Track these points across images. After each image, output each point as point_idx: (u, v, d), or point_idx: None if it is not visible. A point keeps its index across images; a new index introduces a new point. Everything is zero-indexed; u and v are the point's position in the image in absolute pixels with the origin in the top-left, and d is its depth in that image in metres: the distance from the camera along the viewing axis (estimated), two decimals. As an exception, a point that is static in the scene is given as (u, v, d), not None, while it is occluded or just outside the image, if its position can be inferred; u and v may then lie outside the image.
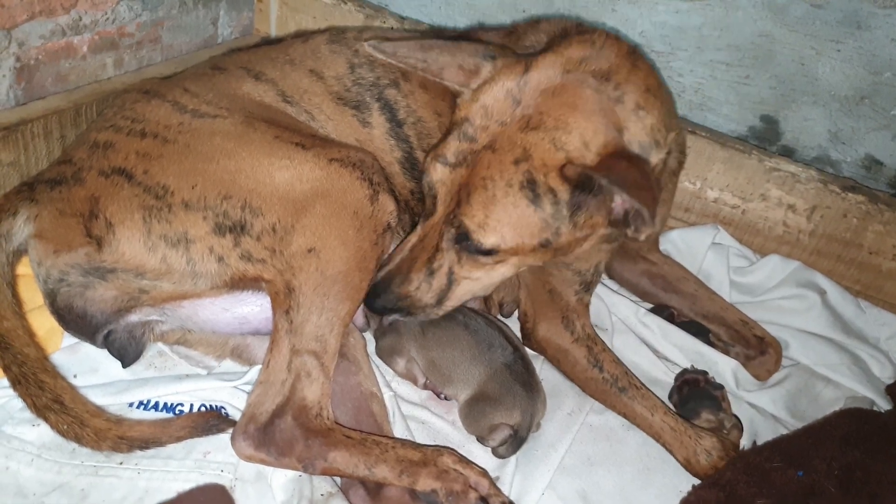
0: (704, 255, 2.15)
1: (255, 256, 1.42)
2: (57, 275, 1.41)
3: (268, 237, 1.42)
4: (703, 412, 1.70)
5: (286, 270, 1.42)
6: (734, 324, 1.95)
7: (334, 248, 1.43)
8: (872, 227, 2.04)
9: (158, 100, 1.57)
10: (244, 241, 1.41)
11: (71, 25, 1.88)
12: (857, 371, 1.92)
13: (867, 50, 2.01)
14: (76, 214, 1.41)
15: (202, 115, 1.54)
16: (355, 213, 1.46)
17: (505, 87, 1.41)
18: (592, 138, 1.35)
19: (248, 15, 2.49)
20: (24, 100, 1.84)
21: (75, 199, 1.42)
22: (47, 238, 1.41)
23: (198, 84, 1.64)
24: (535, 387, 1.63)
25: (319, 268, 1.42)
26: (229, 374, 1.63)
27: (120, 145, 1.48)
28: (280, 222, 1.43)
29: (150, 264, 1.41)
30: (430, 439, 1.61)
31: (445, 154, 1.42)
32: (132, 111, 1.55)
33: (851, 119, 2.11)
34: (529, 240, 1.40)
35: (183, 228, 1.40)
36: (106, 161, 1.46)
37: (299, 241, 1.42)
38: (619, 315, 1.99)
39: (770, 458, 1.56)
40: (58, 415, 1.35)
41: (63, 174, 1.47)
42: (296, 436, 1.37)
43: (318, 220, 1.43)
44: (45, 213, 1.42)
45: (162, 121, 1.51)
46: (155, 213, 1.40)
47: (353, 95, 1.74)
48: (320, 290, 1.41)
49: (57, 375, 1.40)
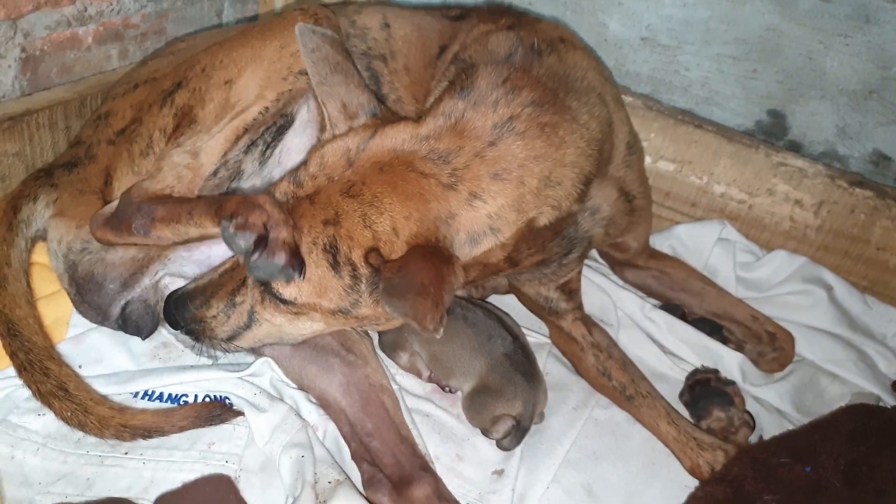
0: (711, 250, 2.14)
1: (180, 105, 1.49)
2: (79, 245, 1.48)
3: (196, 81, 1.50)
4: (713, 409, 1.71)
5: (197, 104, 1.48)
6: (745, 320, 1.94)
7: (247, 77, 1.50)
8: (880, 222, 2.03)
9: (154, 59, 1.66)
10: (177, 96, 1.50)
11: (76, 16, 1.87)
12: (864, 367, 1.91)
13: (876, 44, 1.99)
14: (95, 191, 1.49)
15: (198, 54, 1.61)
16: (281, 46, 1.51)
17: (346, 145, 1.34)
18: (403, 225, 1.27)
19: (252, 7, 2.48)
20: (30, 90, 1.83)
21: (91, 175, 1.50)
22: (69, 216, 1.49)
23: (194, 41, 1.71)
24: (535, 376, 1.63)
25: (227, 97, 1.49)
26: (233, 365, 1.63)
27: (116, 108, 1.56)
28: (210, 61, 1.51)
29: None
30: (434, 432, 1.61)
31: (274, 191, 1.37)
32: (127, 76, 1.64)
33: (859, 114, 2.09)
34: (327, 303, 1.32)
35: (148, 132, 1.49)
36: (109, 129, 1.53)
37: (220, 74, 1.50)
38: (625, 310, 1.99)
39: (777, 454, 1.55)
40: (62, 402, 1.37)
41: (77, 156, 1.54)
42: (132, 202, 1.42)
43: (247, 53, 1.51)
44: (66, 195, 1.50)
45: (157, 68, 1.60)
46: (133, 137, 1.49)
47: None
48: (218, 115, 1.48)
49: (62, 363, 1.42)
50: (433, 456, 1.54)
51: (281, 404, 1.53)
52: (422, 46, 1.79)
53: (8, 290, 1.45)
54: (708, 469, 1.57)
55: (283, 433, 1.47)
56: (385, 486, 1.43)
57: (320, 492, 1.37)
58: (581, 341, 1.76)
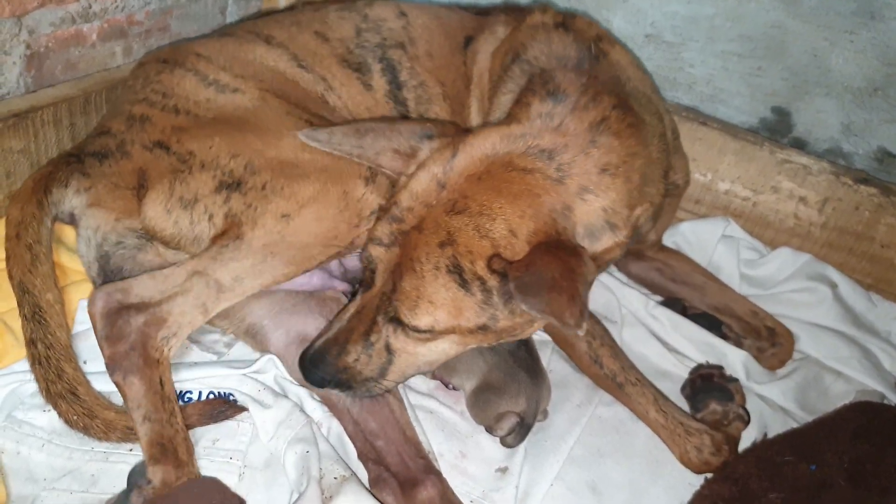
0: (715, 247, 2.14)
1: (233, 212, 1.44)
2: (115, 238, 1.49)
3: (253, 194, 1.44)
4: (710, 402, 1.71)
5: (248, 223, 1.43)
6: (745, 315, 1.94)
7: (308, 220, 1.45)
8: (885, 219, 2.02)
9: (180, 69, 1.62)
10: (233, 198, 1.45)
11: (81, 13, 1.87)
12: (868, 365, 1.91)
13: (881, 41, 1.99)
14: (129, 187, 1.49)
15: (223, 87, 1.60)
16: (345, 192, 1.47)
17: (431, 172, 1.35)
18: (519, 225, 1.27)
19: (256, 4, 2.48)
20: (34, 87, 1.83)
21: (125, 172, 1.51)
22: (107, 207, 1.50)
23: (208, 47, 1.68)
24: (539, 373, 1.63)
25: (282, 232, 1.43)
26: (238, 362, 1.63)
27: (156, 119, 1.55)
28: (271, 182, 1.45)
29: (167, 230, 1.46)
30: (438, 429, 1.61)
31: (378, 236, 1.37)
32: (159, 84, 1.61)
33: (864, 111, 2.09)
34: (465, 322, 1.32)
35: (196, 188, 1.46)
36: (146, 135, 1.53)
37: (279, 203, 1.44)
38: (629, 308, 1.99)
39: (782, 452, 1.55)
40: (70, 404, 1.36)
41: (107, 147, 1.54)
42: (129, 338, 1.37)
43: (307, 190, 1.45)
44: (101, 186, 1.51)
45: (191, 96, 1.58)
46: (179, 176, 1.46)
47: (355, 57, 1.75)
48: (269, 249, 1.43)
49: (77, 367, 1.41)
50: (437, 453, 1.54)
51: (285, 400, 1.53)
52: (444, 33, 1.80)
53: (40, 270, 1.43)
54: (696, 454, 1.58)
55: (288, 429, 1.47)
56: (391, 485, 1.43)
57: (326, 487, 1.37)
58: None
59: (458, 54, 1.79)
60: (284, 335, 1.60)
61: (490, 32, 1.78)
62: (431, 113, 1.76)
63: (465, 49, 1.79)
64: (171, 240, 1.47)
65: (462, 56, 1.79)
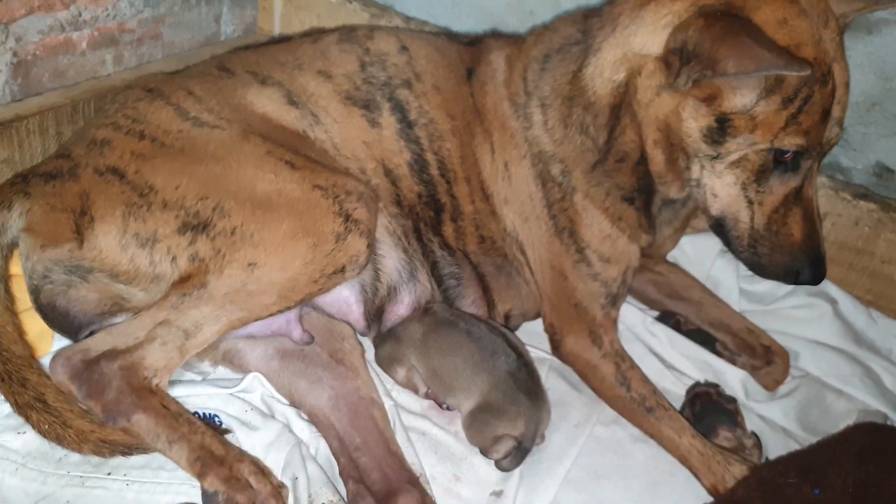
0: (713, 262, 2.11)
1: (199, 256, 1.38)
2: (41, 271, 1.40)
3: (221, 239, 1.38)
4: (720, 429, 1.66)
5: (214, 272, 1.37)
6: (740, 332, 1.91)
7: (273, 270, 1.38)
8: (885, 235, 2.00)
9: (161, 101, 1.55)
10: (199, 240, 1.38)
11: (70, 21, 1.85)
12: (869, 383, 1.88)
13: (878, 56, 1.97)
14: (67, 210, 1.39)
15: (202, 123, 1.52)
16: (314, 245, 1.41)
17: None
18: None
19: (251, 13, 2.46)
20: (21, 95, 1.81)
21: (68, 194, 1.41)
22: (36, 232, 1.40)
23: (203, 87, 1.61)
24: (539, 395, 1.59)
25: (245, 281, 1.37)
26: (224, 381, 1.59)
27: (117, 143, 1.46)
28: (242, 227, 1.39)
29: (122, 265, 1.38)
30: (431, 451, 1.56)
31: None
32: (134, 110, 1.53)
33: (862, 125, 2.07)
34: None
35: (154, 227, 1.38)
36: (102, 159, 1.44)
37: (248, 252, 1.38)
38: (626, 323, 1.95)
39: (784, 474, 1.51)
40: (40, 413, 1.32)
41: (59, 168, 1.46)
42: (112, 384, 1.30)
43: (278, 238, 1.39)
44: (37, 208, 1.41)
45: (162, 125, 1.50)
46: (135, 210, 1.38)
47: (362, 94, 1.71)
48: (230, 297, 1.37)
49: (42, 374, 1.37)
50: (429, 476, 1.50)
51: (273, 422, 1.49)
52: (447, 66, 1.78)
53: None
54: (733, 483, 1.52)
55: (278, 452, 1.43)
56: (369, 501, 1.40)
57: (315, 512, 1.33)
58: (607, 348, 1.70)
59: (464, 86, 1.76)
60: (263, 351, 1.58)
61: (486, 63, 1.77)
62: (444, 150, 1.72)
63: (468, 81, 1.77)
64: (123, 275, 1.39)
65: (468, 87, 1.76)
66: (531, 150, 1.69)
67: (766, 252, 1.55)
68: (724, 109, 1.44)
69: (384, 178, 1.69)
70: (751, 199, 1.53)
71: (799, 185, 1.52)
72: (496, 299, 1.80)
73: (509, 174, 1.72)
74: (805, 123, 1.43)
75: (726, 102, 1.44)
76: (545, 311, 1.79)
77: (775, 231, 1.53)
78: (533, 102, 1.69)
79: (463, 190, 1.74)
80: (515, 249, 1.77)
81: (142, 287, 1.40)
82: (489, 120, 1.73)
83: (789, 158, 1.47)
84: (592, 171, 1.64)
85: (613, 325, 1.74)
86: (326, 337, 1.63)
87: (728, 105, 1.44)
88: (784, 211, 1.52)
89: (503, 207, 1.74)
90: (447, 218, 1.74)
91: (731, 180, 1.52)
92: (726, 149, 1.48)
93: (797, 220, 1.53)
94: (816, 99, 1.42)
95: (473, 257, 1.76)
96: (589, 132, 1.63)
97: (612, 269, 1.69)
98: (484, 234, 1.76)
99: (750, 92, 1.42)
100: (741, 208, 1.55)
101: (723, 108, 1.44)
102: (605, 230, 1.67)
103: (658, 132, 1.55)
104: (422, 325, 1.66)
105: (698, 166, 1.54)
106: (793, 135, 1.43)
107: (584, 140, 1.64)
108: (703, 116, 1.47)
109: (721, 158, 1.50)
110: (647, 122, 1.55)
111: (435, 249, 1.73)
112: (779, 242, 1.54)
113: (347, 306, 1.62)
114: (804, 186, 1.52)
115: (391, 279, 1.66)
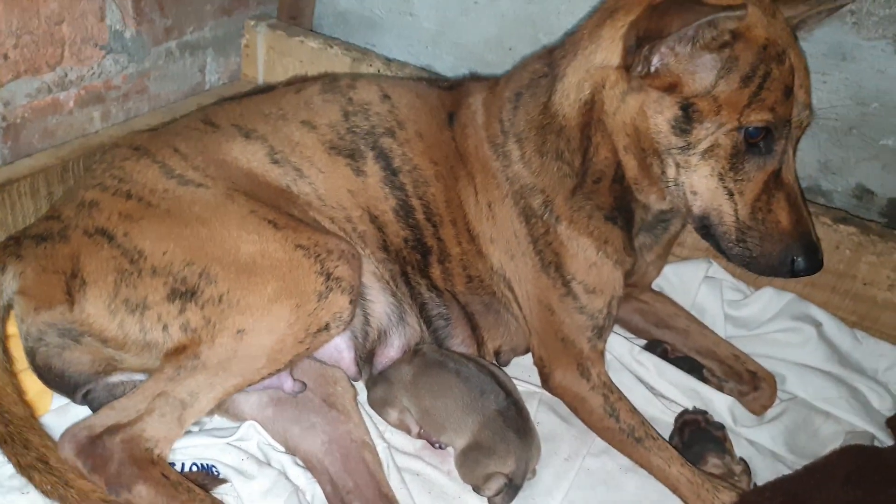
0: (698, 288, 2.14)
1: (191, 326, 1.40)
2: (36, 333, 1.43)
3: (210, 307, 1.40)
4: (708, 456, 1.68)
5: (206, 342, 1.40)
6: (727, 359, 1.94)
7: (261, 334, 1.41)
8: (865, 258, 2.02)
9: (147, 159, 1.58)
10: (189, 308, 1.40)
11: (57, 82, 1.88)
12: (856, 404, 1.90)
13: (853, 81, 2.01)
14: (58, 272, 1.42)
15: (187, 181, 1.54)
16: (297, 305, 1.43)
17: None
18: None
19: (235, 60, 2.50)
20: (11, 158, 1.84)
21: (59, 256, 1.44)
22: (30, 294, 1.43)
23: (188, 143, 1.64)
24: (528, 432, 1.61)
25: (236, 349, 1.40)
26: (221, 430, 1.61)
27: (104, 204, 1.49)
28: (228, 294, 1.41)
29: (110, 331, 1.41)
30: (425, 491, 1.59)
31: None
32: (121, 170, 1.56)
33: (841, 149, 2.11)
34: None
35: (144, 294, 1.40)
36: (90, 220, 1.47)
37: (236, 319, 1.40)
38: (613, 353, 1.98)
39: (772, 500, 1.53)
40: (42, 474, 1.34)
41: (50, 230, 1.49)
42: (114, 456, 1.33)
43: (263, 302, 1.41)
44: (29, 270, 1.44)
45: (148, 184, 1.52)
46: (126, 276, 1.41)
47: (346, 144, 1.74)
48: (223, 365, 1.40)
49: (44, 435, 1.40)
50: (423, 517, 1.52)
51: (269, 469, 1.51)
52: (429, 111, 1.82)
53: None
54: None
55: (276, 498, 1.45)
56: None
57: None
58: (595, 380, 1.73)
59: (446, 130, 1.80)
60: (257, 400, 1.60)
61: (466, 107, 1.81)
62: (429, 195, 1.76)
63: (450, 125, 1.81)
64: (112, 341, 1.42)
65: (450, 132, 1.80)
66: (512, 188, 1.73)
67: (757, 243, 1.54)
68: (685, 94, 1.48)
69: (370, 224, 1.73)
70: (730, 190, 1.54)
71: (776, 169, 1.53)
72: (485, 337, 1.83)
73: (493, 214, 1.75)
74: (769, 99, 1.46)
75: (687, 87, 1.48)
76: (534, 345, 1.82)
77: (762, 220, 1.53)
78: (510, 140, 1.73)
79: (449, 232, 1.77)
80: (503, 286, 1.80)
81: (133, 353, 1.43)
82: (471, 163, 1.77)
83: (760, 139, 1.49)
84: (573, 196, 1.68)
85: (601, 357, 1.76)
86: (319, 382, 1.65)
87: (689, 89, 1.48)
88: (767, 198, 1.52)
89: (489, 247, 1.78)
90: (434, 260, 1.77)
91: (707, 171, 1.53)
92: (696, 136, 1.50)
93: (782, 206, 1.52)
94: (776, 75, 1.45)
95: (461, 297, 1.79)
96: (564, 157, 1.67)
97: (598, 301, 1.72)
98: (471, 273, 1.79)
99: (708, 72, 1.46)
100: (723, 201, 1.55)
101: (684, 93, 1.48)
102: (591, 258, 1.70)
103: (627, 137, 1.59)
104: (412, 366, 1.69)
105: (673, 166, 1.56)
106: (758, 111, 1.45)
107: (560, 166, 1.68)
108: (667, 108, 1.51)
109: (693, 148, 1.52)
110: (616, 130, 1.60)
111: (423, 291, 1.76)
112: (767, 231, 1.53)
113: (338, 353, 1.65)
114: (782, 171, 1.53)
115: (381, 323, 1.69)
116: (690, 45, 1.45)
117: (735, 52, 1.44)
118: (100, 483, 1.34)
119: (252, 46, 2.52)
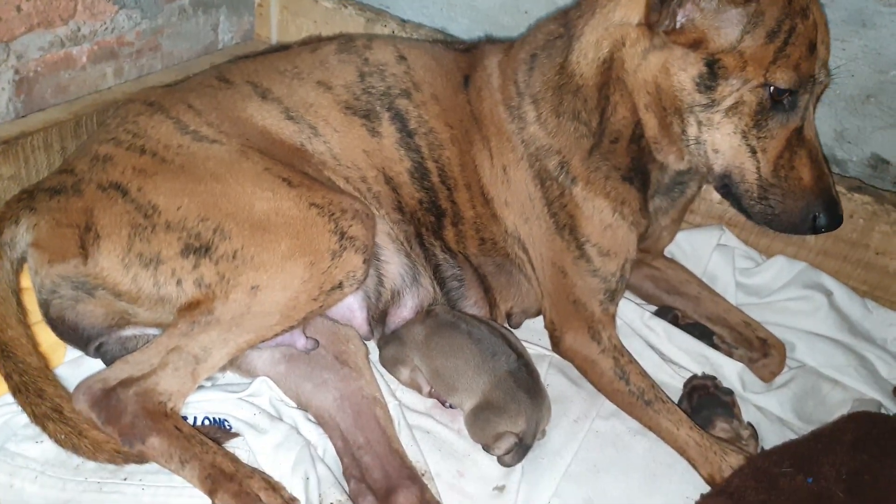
0: (710, 256, 2.14)
1: (205, 282, 1.41)
2: (49, 286, 1.44)
3: (225, 263, 1.41)
4: (716, 421, 1.69)
5: (220, 297, 1.40)
6: (737, 325, 1.94)
7: (274, 291, 1.41)
8: (879, 227, 2.02)
9: (161, 115, 1.57)
10: (203, 264, 1.41)
11: (70, 36, 1.87)
12: (865, 373, 1.91)
13: (872, 48, 1.98)
14: (73, 225, 1.43)
15: (202, 137, 1.54)
16: (311, 263, 1.43)
17: None
18: None
19: (248, 20, 2.48)
20: (24, 112, 1.83)
21: (72, 209, 1.44)
22: (44, 247, 1.44)
23: (203, 100, 1.64)
24: (539, 393, 1.62)
25: (250, 305, 1.41)
26: (233, 385, 1.63)
27: (118, 159, 1.49)
28: (242, 250, 1.41)
29: (124, 285, 1.42)
30: (435, 449, 1.60)
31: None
32: (135, 125, 1.56)
33: (857, 118, 2.09)
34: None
35: (158, 248, 1.41)
36: (104, 175, 1.47)
37: (250, 275, 1.41)
38: (624, 319, 1.98)
39: (779, 464, 1.54)
40: (56, 424, 1.37)
41: (63, 184, 1.49)
42: (128, 409, 1.35)
43: (277, 258, 1.42)
44: (43, 223, 1.45)
45: (162, 139, 1.52)
46: (139, 231, 1.41)
47: (362, 104, 1.73)
48: (236, 320, 1.40)
49: (58, 385, 1.42)
50: (434, 473, 1.54)
51: (281, 424, 1.53)
52: (444, 74, 1.81)
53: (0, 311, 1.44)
54: (730, 473, 1.55)
55: (288, 451, 1.47)
56: (370, 500, 1.44)
57: (323, 512, 1.37)
58: (606, 343, 1.73)
59: (461, 93, 1.79)
60: (269, 356, 1.61)
61: (482, 69, 1.80)
62: (444, 158, 1.75)
63: (465, 88, 1.80)
64: (126, 294, 1.42)
65: (465, 95, 1.79)
66: (527, 150, 1.72)
67: (779, 200, 1.53)
68: (711, 50, 1.47)
69: (385, 185, 1.73)
70: (753, 148, 1.52)
71: (799, 126, 1.51)
72: (498, 298, 1.84)
73: (508, 177, 1.75)
74: (794, 56, 1.45)
75: (712, 43, 1.47)
76: (545, 307, 1.82)
77: (784, 177, 1.52)
78: (525, 101, 1.72)
79: (463, 196, 1.77)
80: (517, 248, 1.80)
81: (146, 307, 1.44)
82: (486, 126, 1.76)
83: (786, 96, 1.47)
84: (590, 156, 1.67)
85: (612, 320, 1.77)
86: (331, 339, 1.66)
87: (715, 45, 1.47)
88: (789, 155, 1.52)
89: (503, 210, 1.78)
90: (448, 223, 1.77)
91: (731, 129, 1.52)
92: (720, 93, 1.49)
93: (804, 163, 1.51)
94: (800, 31, 1.44)
95: (474, 259, 1.80)
96: (581, 117, 1.66)
97: (611, 264, 1.72)
98: (485, 236, 1.79)
99: (733, 28, 1.45)
100: (745, 159, 1.54)
101: (710, 49, 1.47)
102: (607, 219, 1.69)
103: (648, 95, 1.58)
104: (424, 327, 1.70)
105: (694, 124, 1.55)
106: (783, 68, 1.45)
107: (577, 126, 1.67)
108: (692, 65, 1.50)
109: (717, 105, 1.50)
110: (636, 89, 1.59)
111: (437, 253, 1.76)
112: (790, 188, 1.52)
113: (351, 312, 1.66)
114: (804, 127, 1.52)
115: (395, 284, 1.70)
116: (716, 0, 1.43)
117: (761, 7, 1.43)
118: (113, 434, 1.35)
119: (265, 6, 2.50)
